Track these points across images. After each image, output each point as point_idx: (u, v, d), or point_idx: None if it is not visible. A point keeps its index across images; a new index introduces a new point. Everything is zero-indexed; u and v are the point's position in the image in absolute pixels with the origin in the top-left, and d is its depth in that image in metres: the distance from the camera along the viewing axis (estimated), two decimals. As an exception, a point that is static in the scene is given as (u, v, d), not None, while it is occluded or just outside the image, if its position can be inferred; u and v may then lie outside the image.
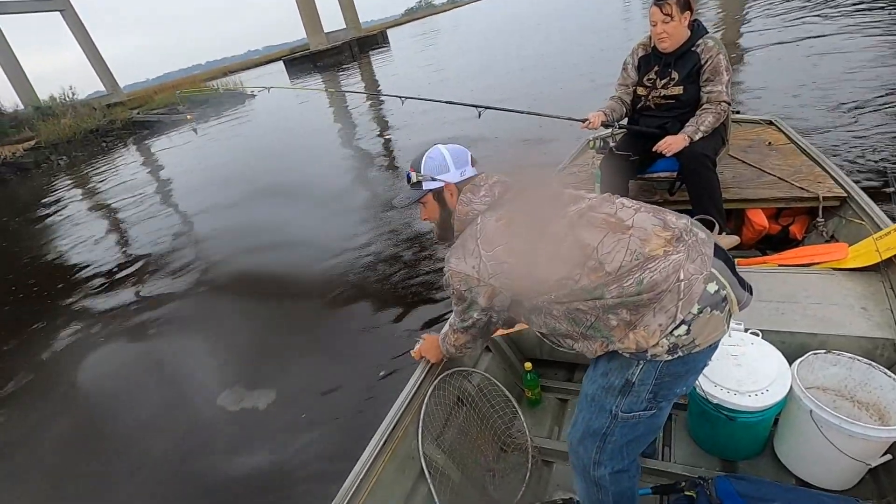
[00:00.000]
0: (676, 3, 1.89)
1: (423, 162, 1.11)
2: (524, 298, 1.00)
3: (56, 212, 7.93)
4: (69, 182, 10.80)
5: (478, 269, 0.99)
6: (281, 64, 32.60)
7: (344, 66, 23.30)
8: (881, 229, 1.64)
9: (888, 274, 1.54)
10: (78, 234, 6.32)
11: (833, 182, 1.95)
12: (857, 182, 2.00)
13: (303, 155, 7.28)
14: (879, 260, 1.56)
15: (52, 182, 11.21)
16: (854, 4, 6.99)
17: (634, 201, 1.01)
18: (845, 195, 1.87)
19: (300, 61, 30.28)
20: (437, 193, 1.11)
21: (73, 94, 20.10)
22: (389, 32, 41.88)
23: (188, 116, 14.26)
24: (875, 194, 2.05)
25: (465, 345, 1.24)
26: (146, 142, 14.22)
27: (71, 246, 5.88)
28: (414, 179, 1.12)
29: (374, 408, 2.19)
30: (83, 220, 7.03)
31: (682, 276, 0.87)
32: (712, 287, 0.89)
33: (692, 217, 0.97)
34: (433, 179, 1.10)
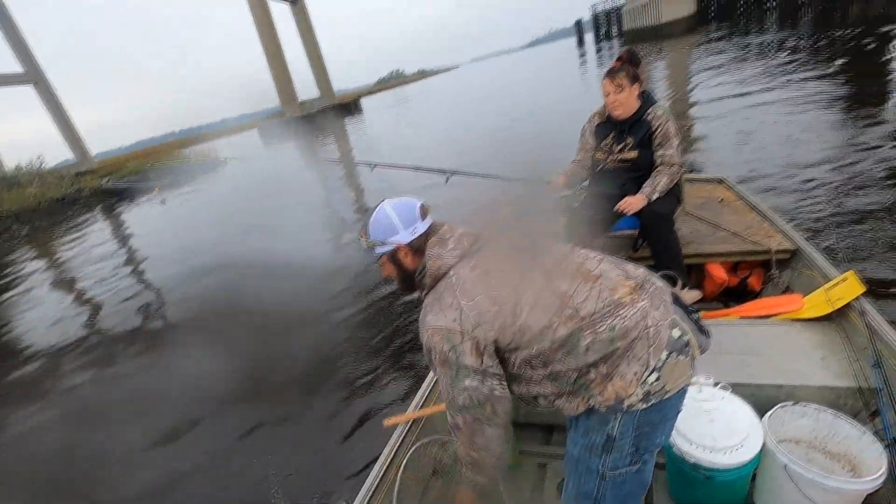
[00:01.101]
0: (626, 75, 2.07)
1: (370, 226, 1.09)
2: (506, 354, 0.98)
3: (7, 281, 7.65)
4: (28, 251, 10.47)
5: (459, 321, 0.95)
6: (256, 131, 33.32)
7: (318, 133, 23.96)
8: (830, 279, 1.73)
9: (841, 323, 1.60)
10: (26, 305, 6.08)
11: (782, 236, 2.06)
12: (806, 235, 2.13)
13: (273, 222, 7.28)
14: (832, 310, 1.63)
15: (10, 251, 10.84)
16: (798, 76, 7.70)
17: (597, 252, 1.06)
18: (795, 248, 1.98)
19: (274, 129, 31.04)
20: (391, 255, 1.08)
21: (42, 163, 19.90)
22: (363, 100, 43.60)
23: (156, 189, 14.15)
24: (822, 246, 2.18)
25: (477, 438, 1.01)
26: (115, 210, 14.04)
27: (17, 319, 5.64)
28: (365, 246, 1.10)
29: (342, 485, 2.08)
30: (35, 290, 6.78)
31: (649, 323, 0.90)
32: (676, 333, 0.92)
33: (656, 273, 1.02)
34: (383, 244, 1.07)
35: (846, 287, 1.64)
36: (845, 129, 4.67)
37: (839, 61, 7.72)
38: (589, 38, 44.30)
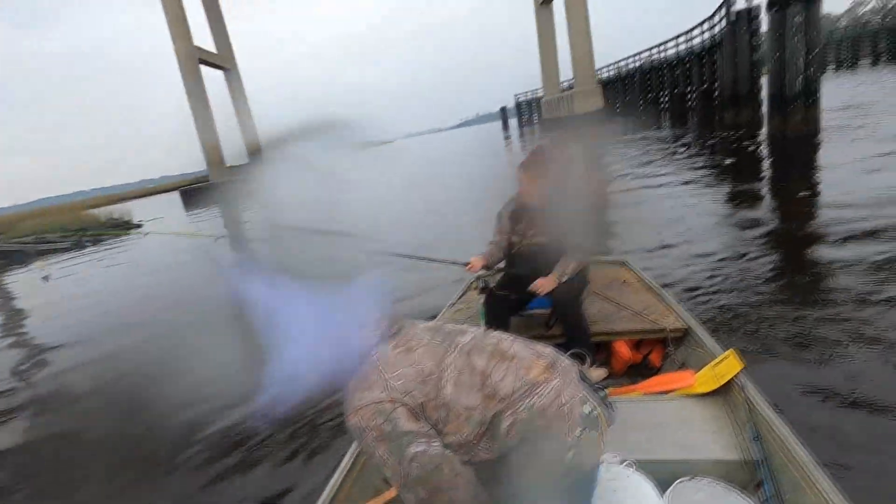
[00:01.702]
0: (536, 169, 2.29)
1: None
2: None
3: None
4: None
5: (387, 391, 0.93)
6: (177, 194, 31.95)
7: (242, 201, 23.33)
8: (716, 357, 1.91)
9: (727, 398, 1.76)
10: None
11: (675, 316, 2.27)
12: (698, 313, 2.37)
13: (179, 299, 6.41)
14: (718, 385, 1.79)
15: None
16: (691, 170, 8.78)
17: (508, 334, 1.12)
18: (686, 327, 2.18)
19: (198, 193, 29.96)
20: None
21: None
22: (294, 168, 43.38)
23: (37, 263, 12.17)
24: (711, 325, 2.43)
25: None
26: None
27: None
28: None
29: None
30: None
31: (563, 400, 0.95)
32: (587, 408, 0.97)
33: (566, 351, 1.09)
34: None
35: (728, 364, 1.81)
36: (731, 218, 5.36)
37: (727, 160, 8.96)
38: (513, 122, 48.30)
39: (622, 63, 28.68)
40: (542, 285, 2.19)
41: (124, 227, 17.65)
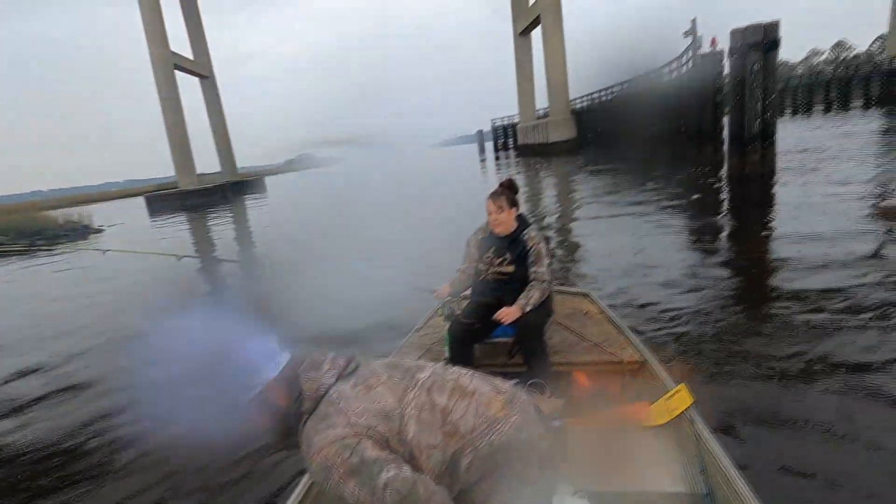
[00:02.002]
0: (506, 199, 2.37)
1: (229, 381, 0.96)
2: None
3: None
4: None
5: (350, 426, 0.92)
6: (142, 199, 30.99)
7: (213, 209, 22.88)
8: (669, 390, 1.98)
9: (678, 431, 1.82)
10: None
11: (633, 348, 2.34)
12: (658, 344, 2.45)
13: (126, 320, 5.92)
14: (670, 418, 1.85)
15: None
16: (659, 202, 9.09)
17: (466, 369, 1.14)
18: (642, 360, 2.25)
19: (165, 199, 29.15)
20: (262, 400, 0.98)
21: None
22: (268, 179, 42.91)
23: None
24: (667, 358, 2.51)
25: None
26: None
27: None
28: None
29: None
30: None
31: (523, 437, 0.97)
32: (544, 444, 1.00)
33: (527, 381, 1.12)
34: (249, 389, 0.96)
35: (679, 398, 1.88)
36: (691, 252, 5.57)
37: (690, 195, 9.34)
38: (489, 146, 49.12)
39: (595, 95, 29.71)
40: (507, 314, 2.24)
41: (83, 231, 16.94)
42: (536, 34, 33.81)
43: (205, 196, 28.97)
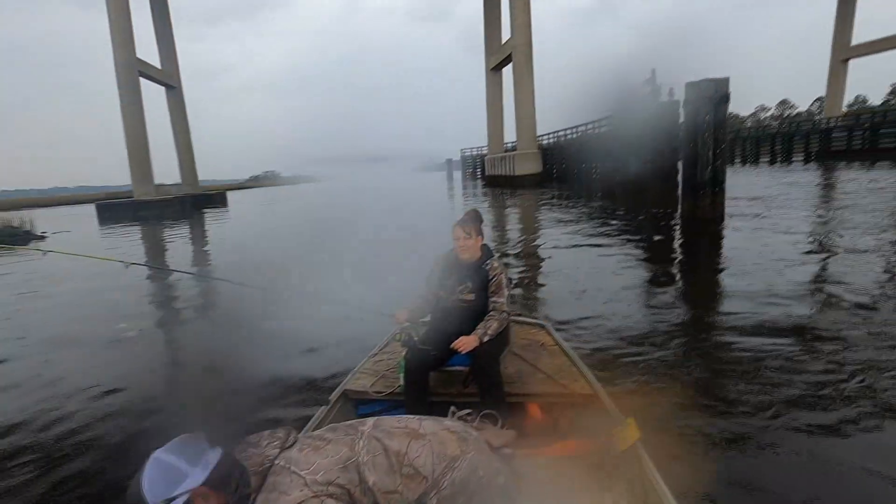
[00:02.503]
0: (473, 227, 2.41)
1: (145, 492, 0.84)
2: None
3: None
4: None
5: (307, 487, 0.87)
6: (93, 207, 29.56)
7: (170, 222, 22.07)
8: (617, 424, 2.02)
9: (626, 465, 1.85)
10: None
11: (584, 381, 2.39)
12: (609, 379, 2.51)
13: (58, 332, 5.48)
14: (618, 451, 1.89)
15: None
16: (616, 237, 9.40)
17: (408, 415, 1.13)
18: (593, 393, 2.30)
19: (118, 208, 27.94)
20: None
21: None
22: (230, 194, 41.87)
23: None
24: (617, 392, 2.57)
25: None
26: None
27: None
28: None
29: None
30: None
31: (481, 474, 0.97)
32: (501, 479, 1.00)
33: (480, 412, 1.12)
34: (173, 499, 0.84)
35: (627, 432, 1.92)
36: (647, 289, 5.78)
37: (647, 235, 9.73)
38: (458, 175, 49.92)
39: (562, 133, 30.87)
40: (465, 343, 2.25)
41: (24, 237, 15.96)
42: (508, 70, 35.09)
43: (161, 207, 27.93)
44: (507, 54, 33.69)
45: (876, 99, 71.74)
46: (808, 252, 6.83)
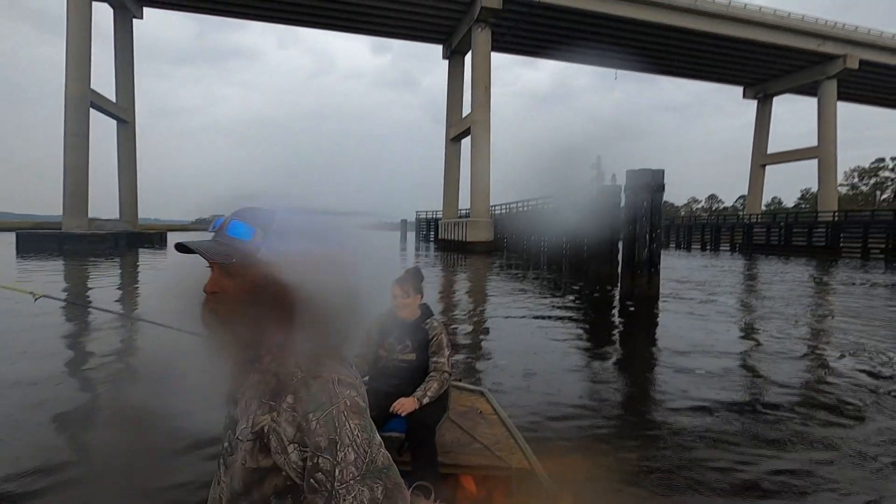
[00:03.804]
0: (411, 285, 2.41)
1: (256, 213, 0.82)
2: None
3: None
4: None
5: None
6: (13, 235, 27.26)
7: (99, 258, 20.63)
8: (553, 500, 1.97)
9: None
10: None
11: (522, 454, 2.34)
12: (546, 451, 2.46)
13: None
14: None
15: None
16: (565, 311, 9.62)
17: None
18: (530, 468, 2.25)
19: (42, 239, 25.92)
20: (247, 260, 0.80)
21: None
22: (172, 235, 39.98)
23: None
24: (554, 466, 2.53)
25: None
26: None
27: None
28: (242, 229, 0.80)
29: None
30: None
31: None
32: None
33: (412, 482, 1.04)
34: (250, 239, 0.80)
35: (562, 509, 1.88)
36: (585, 361, 5.88)
37: (586, 308, 10.04)
38: (411, 235, 50.44)
39: (513, 205, 32.25)
40: (404, 406, 2.18)
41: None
42: (466, 142, 36.90)
43: (92, 243, 26.16)
44: (466, 127, 35.57)
45: (789, 201, 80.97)
46: (739, 336, 7.28)
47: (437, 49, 41.10)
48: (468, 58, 36.20)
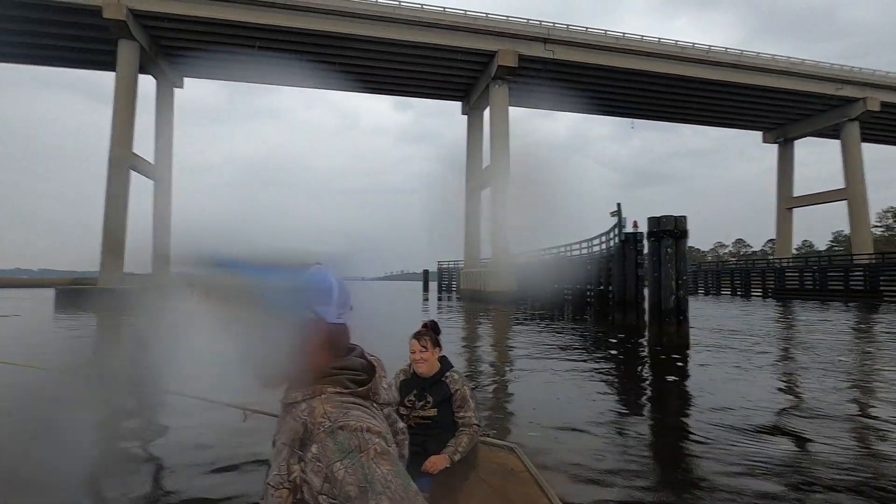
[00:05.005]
0: (430, 339, 2.42)
1: (301, 280, 0.92)
2: None
3: None
4: None
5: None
6: (52, 291, 28.38)
7: (125, 312, 21.19)
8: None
9: None
10: None
11: (557, 516, 2.24)
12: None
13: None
14: None
15: None
16: (590, 362, 9.39)
17: None
18: (564, 530, 2.14)
19: (80, 294, 26.89)
20: (301, 326, 0.89)
21: None
22: (199, 289, 40.91)
23: None
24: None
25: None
26: None
27: None
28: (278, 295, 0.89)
29: None
30: None
31: None
32: None
33: None
34: (306, 307, 0.91)
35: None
36: (618, 414, 5.66)
37: (616, 358, 9.77)
38: (433, 285, 50.49)
39: (536, 253, 32.18)
40: (435, 464, 2.14)
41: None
42: (486, 193, 37.54)
43: (127, 297, 26.98)
44: (485, 179, 36.31)
45: (820, 244, 78.62)
46: (778, 389, 6.92)
47: (457, 105, 42.79)
48: (486, 113, 37.52)
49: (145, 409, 5.66)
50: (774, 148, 49.74)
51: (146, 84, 40.58)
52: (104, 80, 31.96)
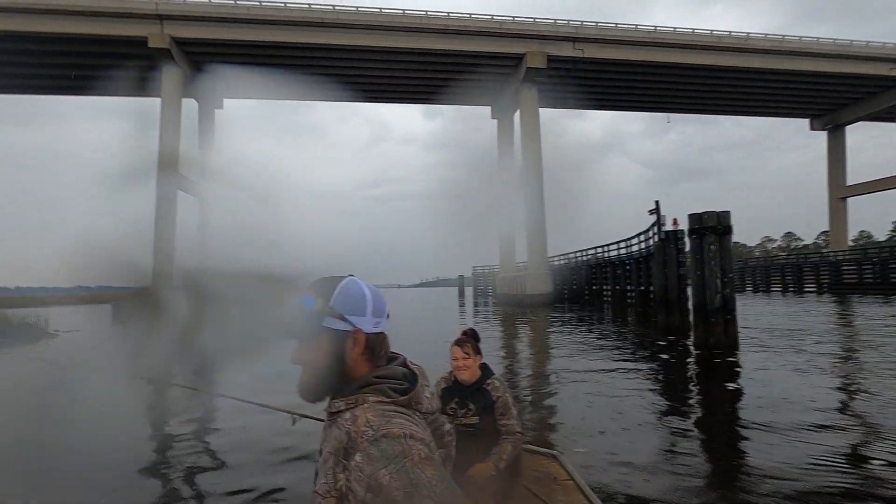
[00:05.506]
0: (471, 346, 2.44)
1: (335, 292, 0.90)
2: None
3: None
4: None
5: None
6: (109, 306, 29.98)
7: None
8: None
9: None
10: None
11: (602, 523, 2.21)
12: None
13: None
14: None
15: None
16: (630, 363, 9.18)
17: None
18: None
19: (131, 307, 28.28)
20: (338, 338, 0.90)
21: None
22: (243, 300, 42.39)
23: None
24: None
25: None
26: None
27: None
28: (314, 308, 0.89)
29: None
30: None
31: None
32: None
33: None
34: (342, 318, 0.89)
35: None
36: (665, 419, 5.49)
37: (661, 360, 9.48)
38: (469, 291, 50.42)
39: (572, 255, 31.68)
40: (481, 471, 2.14)
41: (35, 334, 16.07)
42: (519, 195, 37.26)
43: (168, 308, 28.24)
44: (518, 181, 36.04)
45: (880, 234, 73.72)
46: (837, 388, 6.54)
47: (486, 110, 42.74)
48: (517, 116, 37.33)
49: (196, 410, 5.97)
50: (823, 135, 47.18)
51: (189, 106, 42.58)
52: (151, 106, 33.74)
